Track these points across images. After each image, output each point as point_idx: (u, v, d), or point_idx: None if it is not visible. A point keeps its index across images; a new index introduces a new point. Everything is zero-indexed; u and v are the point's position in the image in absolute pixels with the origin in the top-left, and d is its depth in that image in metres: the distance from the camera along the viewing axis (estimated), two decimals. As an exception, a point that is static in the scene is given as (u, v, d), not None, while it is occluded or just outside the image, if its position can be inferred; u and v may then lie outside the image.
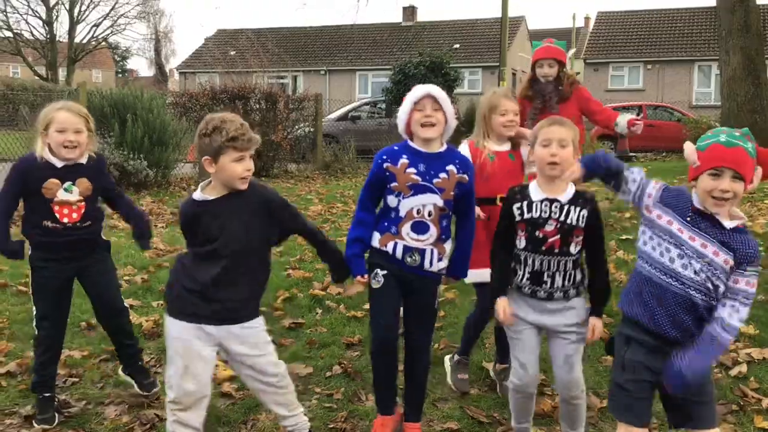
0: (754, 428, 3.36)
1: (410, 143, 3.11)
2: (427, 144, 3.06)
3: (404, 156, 3.04)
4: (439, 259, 3.11)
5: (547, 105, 4.53)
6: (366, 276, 3.12)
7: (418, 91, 3.07)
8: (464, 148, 3.64)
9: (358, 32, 38.48)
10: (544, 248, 2.89)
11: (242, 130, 2.73)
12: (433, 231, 3.05)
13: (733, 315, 2.40)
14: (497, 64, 23.53)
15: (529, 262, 2.93)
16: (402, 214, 3.03)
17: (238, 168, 2.72)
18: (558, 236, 2.87)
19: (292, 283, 5.74)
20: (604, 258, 3.01)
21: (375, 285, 3.10)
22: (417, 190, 3.01)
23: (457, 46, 34.88)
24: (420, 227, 3.04)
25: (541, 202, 2.89)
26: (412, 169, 3.01)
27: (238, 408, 3.62)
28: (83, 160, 3.37)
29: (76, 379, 3.90)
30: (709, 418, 2.52)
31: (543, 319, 2.97)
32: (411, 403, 3.27)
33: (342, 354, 4.34)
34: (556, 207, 2.87)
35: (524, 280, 2.95)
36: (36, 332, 3.50)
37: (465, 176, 3.07)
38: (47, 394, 3.49)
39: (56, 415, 3.47)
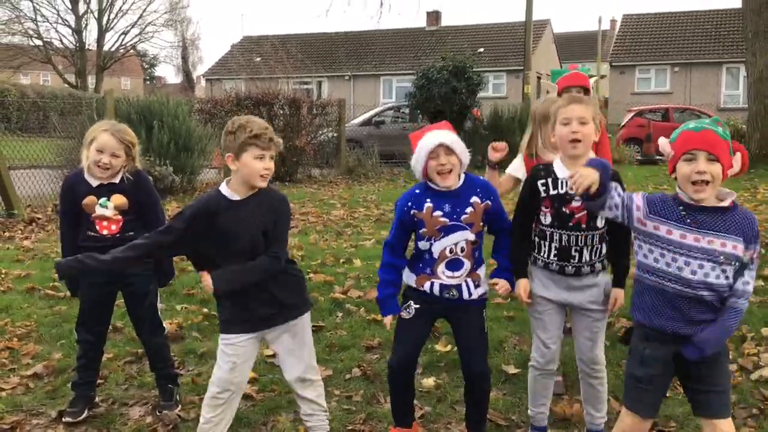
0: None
1: (430, 184, 3.07)
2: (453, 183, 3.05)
3: (428, 200, 3.03)
4: (477, 286, 3.10)
5: None
6: (395, 316, 3.14)
7: (430, 141, 2.99)
8: (518, 161, 3.68)
9: (383, 37, 38.60)
10: (571, 224, 2.92)
11: (265, 130, 2.85)
12: (467, 265, 3.06)
13: (747, 282, 2.46)
14: (522, 68, 23.48)
15: (556, 237, 2.95)
16: (435, 255, 3.05)
17: (258, 165, 2.83)
18: (585, 212, 2.89)
19: (313, 286, 5.79)
20: (627, 230, 3.00)
21: (405, 315, 3.12)
22: (447, 231, 3.02)
23: (482, 50, 34.82)
24: (454, 265, 3.06)
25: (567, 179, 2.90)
26: (438, 213, 3.00)
27: (258, 409, 3.67)
28: (116, 180, 3.50)
29: (101, 381, 3.97)
30: (723, 408, 2.53)
31: (567, 297, 3.01)
32: (473, 424, 3.27)
33: (361, 357, 4.38)
34: None
35: (551, 256, 2.98)
36: (76, 336, 3.69)
37: (489, 202, 3.06)
38: (83, 393, 3.63)
39: (85, 411, 3.58)
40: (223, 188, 2.91)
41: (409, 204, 3.05)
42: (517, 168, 3.83)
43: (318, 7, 76.91)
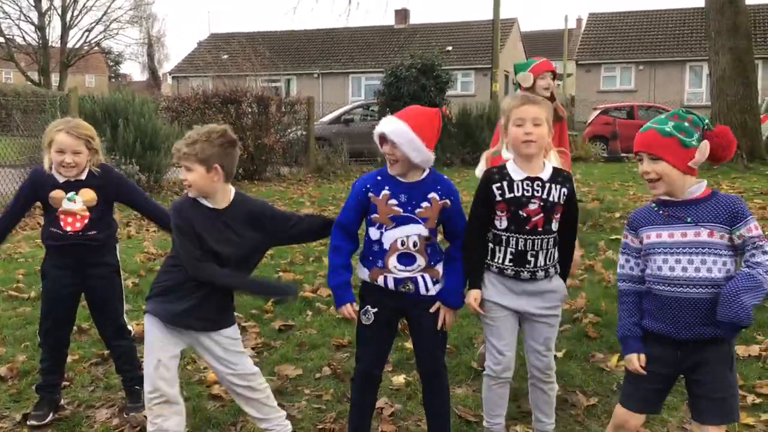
0: (738, 424, 3.39)
1: (390, 172, 2.98)
2: (404, 174, 2.95)
3: (386, 187, 2.93)
4: (435, 282, 2.99)
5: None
6: (353, 305, 2.99)
7: (378, 128, 2.92)
8: (482, 162, 3.68)
9: (351, 35, 38.55)
10: (527, 227, 2.86)
11: (179, 144, 2.88)
12: (421, 260, 2.96)
13: (753, 255, 2.39)
14: (490, 66, 23.60)
15: (512, 242, 2.89)
16: (386, 246, 2.94)
17: (181, 175, 2.92)
18: (542, 215, 2.85)
19: (283, 285, 5.77)
20: (575, 234, 3.07)
21: (365, 321, 3.03)
22: (399, 221, 2.92)
23: (450, 48, 34.97)
24: (406, 259, 2.95)
25: (523, 181, 2.87)
26: (393, 201, 2.90)
27: (227, 410, 3.64)
28: (83, 177, 3.44)
29: (67, 383, 3.91)
30: (715, 416, 2.51)
31: (522, 304, 2.94)
32: None
33: (331, 355, 4.37)
34: (538, 185, 2.86)
35: (506, 261, 2.91)
36: (39, 340, 3.64)
37: (447, 201, 2.95)
38: (47, 396, 3.57)
39: (50, 414, 3.52)
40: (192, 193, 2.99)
41: (368, 186, 2.95)
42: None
43: (286, 4, 76.60)
